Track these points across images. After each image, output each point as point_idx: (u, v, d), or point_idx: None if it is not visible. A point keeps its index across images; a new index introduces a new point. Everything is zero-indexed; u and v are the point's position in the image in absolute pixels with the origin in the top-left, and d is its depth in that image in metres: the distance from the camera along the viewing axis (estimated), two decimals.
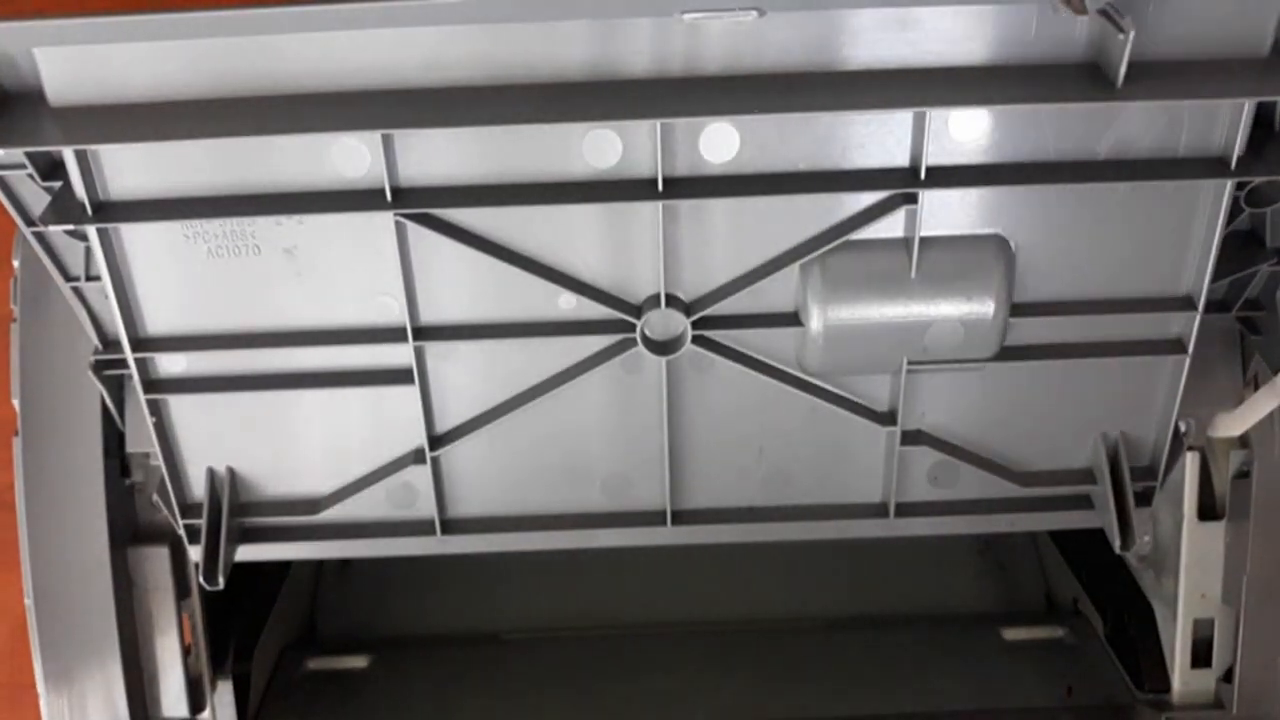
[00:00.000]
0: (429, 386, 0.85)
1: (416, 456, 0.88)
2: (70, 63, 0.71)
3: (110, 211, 0.77)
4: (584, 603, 1.28)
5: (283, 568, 1.20)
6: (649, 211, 0.78)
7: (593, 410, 0.87)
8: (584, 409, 0.87)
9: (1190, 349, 0.84)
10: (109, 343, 0.88)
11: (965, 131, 0.76)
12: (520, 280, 0.80)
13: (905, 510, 0.92)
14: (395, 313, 0.82)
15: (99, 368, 0.88)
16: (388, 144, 0.75)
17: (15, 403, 0.91)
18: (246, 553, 0.92)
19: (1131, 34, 0.67)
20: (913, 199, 0.77)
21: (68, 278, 0.84)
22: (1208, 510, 0.99)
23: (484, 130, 0.75)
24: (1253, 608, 0.97)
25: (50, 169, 0.77)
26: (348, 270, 0.80)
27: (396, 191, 0.76)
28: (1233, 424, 0.93)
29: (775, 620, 1.23)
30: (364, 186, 0.76)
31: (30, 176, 0.77)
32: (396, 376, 0.84)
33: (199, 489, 0.89)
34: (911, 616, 1.25)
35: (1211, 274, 0.81)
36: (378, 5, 0.70)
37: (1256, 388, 0.93)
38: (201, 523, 0.89)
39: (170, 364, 0.85)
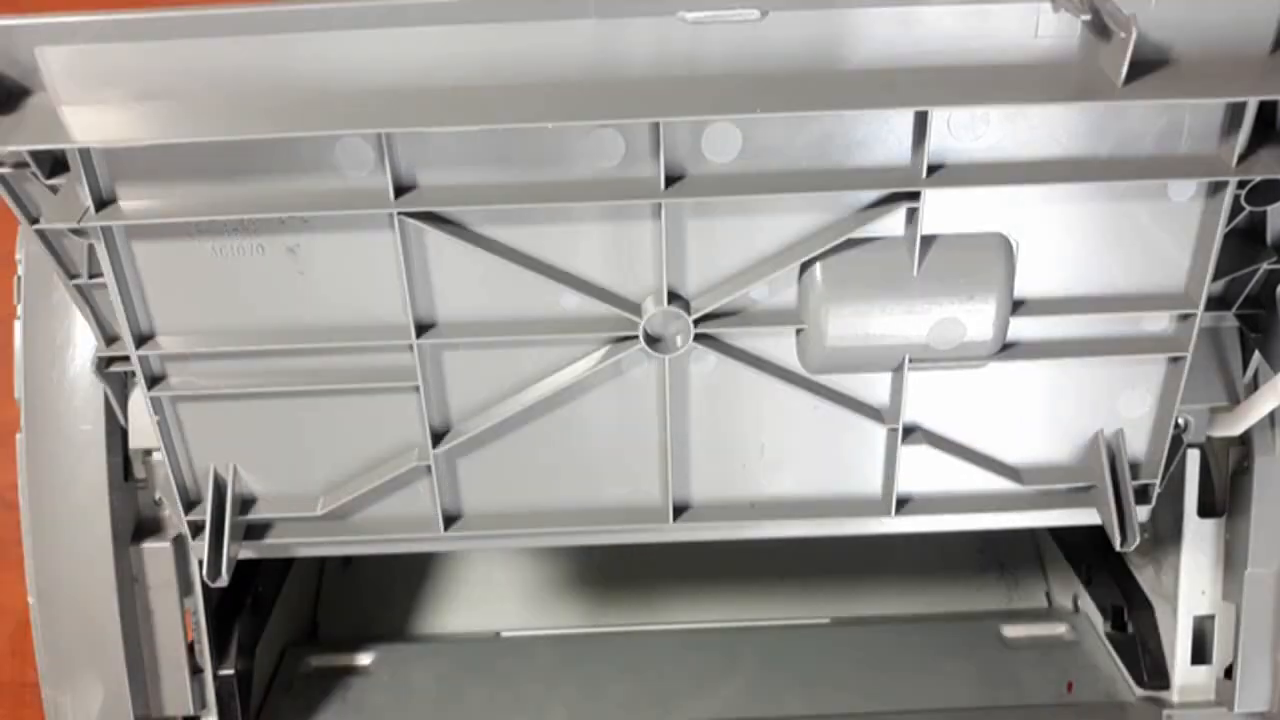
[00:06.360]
0: (431, 384, 0.86)
1: (419, 454, 0.88)
2: (73, 61, 0.71)
3: (113, 210, 0.77)
4: (584, 603, 1.28)
5: (285, 565, 1.20)
6: (651, 210, 0.79)
7: (595, 408, 0.87)
8: (586, 406, 0.87)
9: (1190, 347, 0.84)
10: (112, 341, 0.88)
11: (967, 130, 0.76)
12: (523, 279, 0.81)
13: (906, 508, 0.92)
14: (398, 311, 0.82)
15: (102, 365, 0.88)
16: (391, 143, 0.75)
17: (18, 400, 0.91)
18: (249, 550, 0.93)
19: (1133, 33, 0.67)
20: (914, 197, 0.77)
21: (71, 276, 0.84)
22: (1208, 507, 1.00)
23: (487, 129, 0.75)
24: (1253, 604, 0.97)
25: (53, 167, 0.77)
26: (351, 269, 0.81)
27: (399, 190, 0.77)
28: (1233, 422, 0.93)
29: (775, 619, 1.23)
30: (367, 185, 0.77)
31: (33, 175, 0.77)
32: (399, 374, 0.85)
33: (202, 486, 0.90)
34: (912, 615, 1.25)
35: (1212, 272, 0.81)
36: (380, 5, 0.70)
37: (1256, 386, 0.93)
38: (205, 519, 0.89)
39: (173, 362, 0.85)
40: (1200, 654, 1.02)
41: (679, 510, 0.92)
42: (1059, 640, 1.18)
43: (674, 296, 0.82)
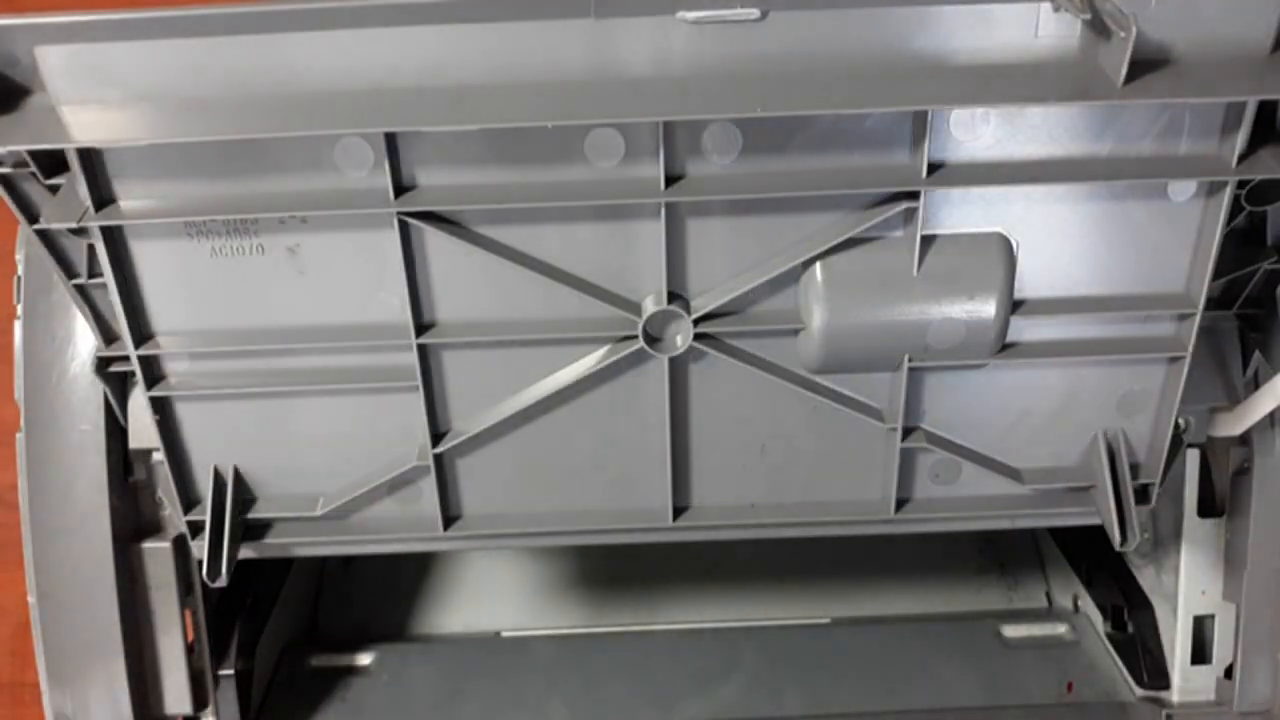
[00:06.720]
0: (432, 384, 0.86)
1: (419, 454, 0.88)
2: (73, 60, 0.71)
3: (113, 210, 0.77)
4: (584, 603, 1.28)
5: (285, 565, 1.20)
6: (651, 210, 0.78)
7: (595, 408, 0.87)
8: (586, 407, 0.87)
9: (1190, 347, 0.84)
10: (111, 340, 0.88)
11: (966, 130, 0.76)
12: (523, 279, 0.81)
13: (906, 508, 0.92)
14: (398, 311, 0.82)
15: (101, 365, 0.88)
16: (391, 142, 0.75)
17: (18, 400, 0.91)
18: (249, 550, 0.93)
19: (1133, 33, 0.67)
20: (914, 197, 0.77)
21: (70, 276, 0.84)
22: (1208, 507, 1.00)
23: (487, 129, 0.75)
24: (1253, 604, 0.97)
25: (52, 167, 0.77)
26: (351, 269, 0.81)
27: (400, 190, 0.77)
28: (1233, 422, 0.93)
29: (775, 619, 1.23)
30: (367, 185, 0.77)
31: (33, 174, 0.77)
32: (399, 374, 0.85)
33: (203, 486, 0.90)
34: (912, 615, 1.25)
35: (1212, 272, 0.81)
36: (380, 4, 0.70)
37: (1257, 385, 0.93)
38: (205, 519, 0.89)
39: (173, 362, 0.85)
40: (1200, 654, 1.02)
41: (679, 511, 0.92)
42: (1059, 640, 1.18)
43: (674, 296, 0.82)
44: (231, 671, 1.02)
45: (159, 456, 0.89)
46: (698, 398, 0.87)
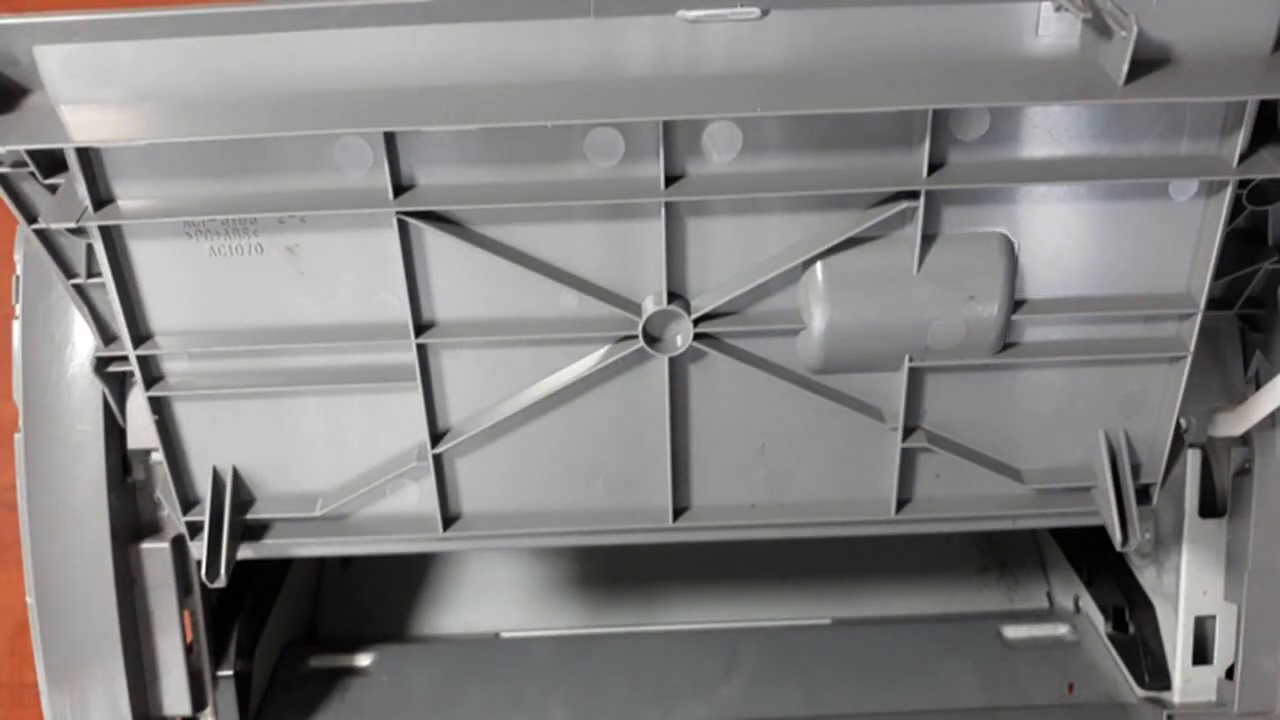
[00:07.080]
0: (431, 384, 0.85)
1: (419, 454, 0.88)
2: (71, 60, 0.71)
3: (111, 209, 0.77)
4: (584, 603, 1.28)
5: (284, 565, 1.20)
6: (651, 210, 0.78)
7: (595, 408, 0.87)
8: (586, 407, 0.87)
9: (1191, 347, 0.84)
10: (110, 340, 0.88)
11: (967, 129, 0.76)
12: (522, 278, 0.81)
13: (907, 508, 0.92)
14: (397, 311, 0.82)
15: (100, 365, 0.88)
16: (390, 142, 0.75)
17: (16, 400, 0.91)
18: (248, 550, 0.92)
19: (1134, 32, 0.67)
20: (914, 196, 0.77)
21: (69, 276, 0.84)
22: (1209, 507, 1.00)
23: (486, 128, 0.75)
24: (1254, 604, 0.97)
25: (51, 167, 0.77)
26: (350, 268, 0.81)
27: (399, 189, 0.77)
28: (1234, 422, 0.93)
29: (775, 620, 1.23)
30: (366, 184, 0.76)
31: (31, 174, 0.77)
32: (399, 374, 0.84)
33: (201, 486, 0.89)
34: (912, 615, 1.25)
35: (1213, 272, 0.81)
36: (380, 4, 0.70)
37: (1258, 385, 0.93)
38: (204, 520, 0.89)
39: (172, 362, 0.85)
40: (1202, 654, 1.02)
41: (679, 511, 0.92)
42: (1060, 641, 1.17)
43: (674, 296, 0.82)
44: (230, 672, 1.02)
45: (158, 457, 0.89)
46: (698, 398, 0.87)
